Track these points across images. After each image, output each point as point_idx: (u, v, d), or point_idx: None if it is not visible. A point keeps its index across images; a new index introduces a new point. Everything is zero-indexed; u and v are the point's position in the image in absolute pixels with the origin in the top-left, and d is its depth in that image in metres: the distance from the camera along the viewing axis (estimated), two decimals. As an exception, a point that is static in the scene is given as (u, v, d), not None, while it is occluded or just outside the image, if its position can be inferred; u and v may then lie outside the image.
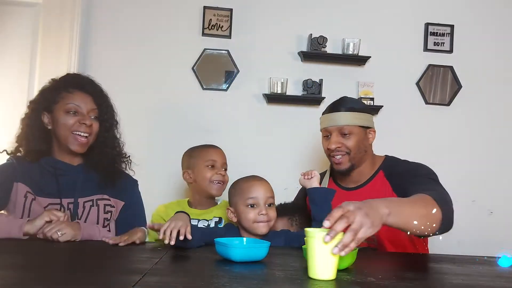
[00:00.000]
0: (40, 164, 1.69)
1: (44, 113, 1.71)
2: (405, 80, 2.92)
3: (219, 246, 1.31)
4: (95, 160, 1.73)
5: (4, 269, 1.11)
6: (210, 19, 2.78)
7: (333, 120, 1.85)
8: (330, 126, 1.85)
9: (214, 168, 1.95)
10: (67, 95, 1.69)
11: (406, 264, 1.48)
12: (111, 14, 2.76)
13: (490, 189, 2.90)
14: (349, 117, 1.84)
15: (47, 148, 1.72)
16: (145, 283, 0.99)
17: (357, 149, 1.84)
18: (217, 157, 1.98)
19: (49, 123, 1.71)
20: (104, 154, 1.74)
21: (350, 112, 1.85)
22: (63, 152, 1.71)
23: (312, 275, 1.11)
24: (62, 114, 1.67)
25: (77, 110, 1.68)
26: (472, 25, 2.96)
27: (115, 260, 1.23)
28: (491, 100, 2.94)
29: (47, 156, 1.71)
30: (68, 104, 1.67)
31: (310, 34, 2.79)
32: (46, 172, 1.68)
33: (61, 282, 1.02)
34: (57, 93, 1.70)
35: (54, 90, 1.72)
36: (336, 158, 1.84)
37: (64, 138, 1.67)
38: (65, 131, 1.66)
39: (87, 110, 1.70)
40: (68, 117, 1.67)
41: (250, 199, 1.61)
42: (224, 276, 1.08)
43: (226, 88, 2.80)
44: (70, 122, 1.66)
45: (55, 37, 2.71)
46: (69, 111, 1.67)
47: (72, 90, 1.70)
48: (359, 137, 1.84)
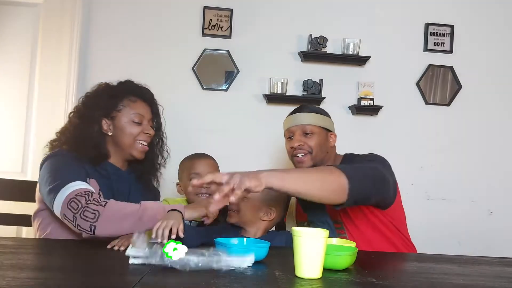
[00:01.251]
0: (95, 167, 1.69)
1: (104, 119, 1.72)
2: (405, 80, 2.92)
3: (219, 246, 1.31)
4: (142, 170, 1.80)
5: (4, 269, 1.11)
6: (210, 19, 2.78)
7: (296, 120, 1.89)
8: (292, 126, 1.90)
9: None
10: (131, 103, 1.74)
11: (406, 264, 1.48)
12: (111, 14, 2.76)
13: (490, 189, 2.90)
14: (311, 117, 1.88)
15: (107, 153, 1.73)
16: (145, 284, 0.99)
17: (319, 149, 1.86)
18: (201, 170, 1.85)
19: (109, 130, 1.72)
20: (150, 166, 1.83)
21: (312, 113, 1.89)
22: (118, 158, 1.75)
23: (299, 274, 1.12)
24: (127, 123, 1.71)
25: (141, 120, 1.73)
26: (472, 25, 2.96)
27: (115, 260, 1.23)
28: (491, 100, 2.94)
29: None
30: (132, 114, 1.72)
31: (310, 34, 2.79)
32: (98, 173, 1.69)
33: (61, 283, 1.02)
34: (119, 101, 1.73)
35: (116, 96, 1.74)
36: (298, 157, 1.86)
37: (128, 145, 1.72)
38: (130, 140, 1.72)
39: (148, 119, 1.76)
40: (133, 126, 1.72)
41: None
42: (224, 276, 1.08)
43: (226, 88, 2.80)
44: (135, 131, 1.72)
45: (55, 37, 2.71)
46: (134, 120, 1.72)
47: (135, 99, 1.75)
48: (320, 138, 1.87)
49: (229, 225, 1.69)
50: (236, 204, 1.60)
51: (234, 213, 1.64)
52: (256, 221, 1.65)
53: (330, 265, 1.20)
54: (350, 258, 1.24)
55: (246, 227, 1.65)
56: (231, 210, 1.64)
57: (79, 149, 1.67)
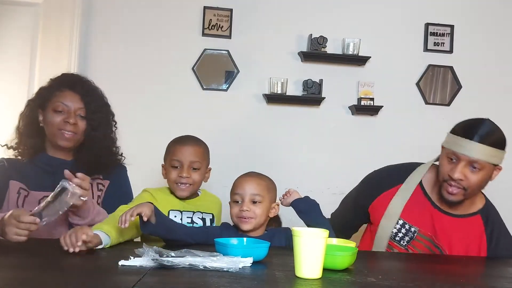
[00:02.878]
0: (33, 161, 1.74)
1: (39, 110, 1.76)
2: (405, 80, 2.92)
3: (219, 246, 1.31)
4: (84, 157, 1.77)
5: (4, 269, 1.11)
6: (210, 19, 2.78)
7: (468, 150, 1.64)
8: (462, 154, 1.64)
9: (177, 169, 1.76)
10: (58, 93, 1.74)
11: (406, 264, 1.48)
12: (111, 14, 2.76)
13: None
14: (487, 151, 1.63)
15: (41, 144, 1.77)
16: (145, 284, 0.99)
17: (477, 188, 1.69)
18: (184, 158, 1.76)
19: (42, 121, 1.76)
20: (91, 151, 1.77)
21: (490, 147, 1.64)
22: (56, 149, 1.76)
23: (299, 274, 1.12)
24: (51, 112, 1.72)
25: (63, 109, 1.72)
26: (472, 25, 2.96)
27: (115, 260, 1.23)
28: (491, 100, 2.94)
29: (40, 153, 1.76)
30: (56, 103, 1.72)
31: (310, 34, 2.79)
32: (39, 169, 1.73)
33: (61, 283, 1.02)
34: (50, 92, 1.76)
35: (49, 89, 1.78)
36: (451, 189, 1.67)
37: (52, 135, 1.73)
38: (53, 129, 1.72)
39: (74, 109, 1.73)
40: (55, 115, 1.72)
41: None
42: (224, 276, 1.08)
43: (226, 88, 2.80)
44: (56, 120, 1.71)
45: (55, 37, 2.71)
46: (57, 109, 1.72)
47: (63, 89, 1.75)
48: (485, 176, 1.68)
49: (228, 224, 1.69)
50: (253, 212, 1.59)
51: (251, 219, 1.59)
52: (265, 221, 1.66)
53: (330, 265, 1.19)
54: (350, 258, 1.24)
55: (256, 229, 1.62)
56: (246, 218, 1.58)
57: (21, 141, 1.74)
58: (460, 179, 1.64)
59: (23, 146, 1.75)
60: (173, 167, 1.77)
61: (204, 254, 1.22)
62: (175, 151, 1.79)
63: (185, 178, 1.74)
